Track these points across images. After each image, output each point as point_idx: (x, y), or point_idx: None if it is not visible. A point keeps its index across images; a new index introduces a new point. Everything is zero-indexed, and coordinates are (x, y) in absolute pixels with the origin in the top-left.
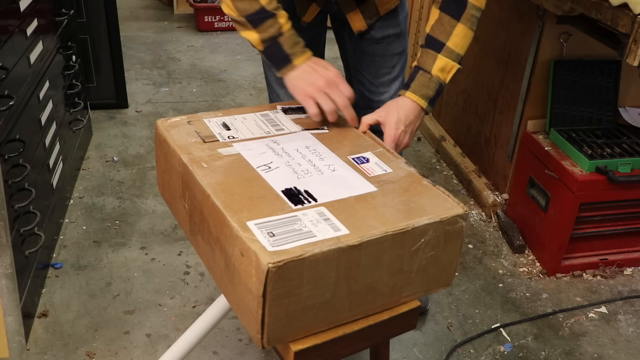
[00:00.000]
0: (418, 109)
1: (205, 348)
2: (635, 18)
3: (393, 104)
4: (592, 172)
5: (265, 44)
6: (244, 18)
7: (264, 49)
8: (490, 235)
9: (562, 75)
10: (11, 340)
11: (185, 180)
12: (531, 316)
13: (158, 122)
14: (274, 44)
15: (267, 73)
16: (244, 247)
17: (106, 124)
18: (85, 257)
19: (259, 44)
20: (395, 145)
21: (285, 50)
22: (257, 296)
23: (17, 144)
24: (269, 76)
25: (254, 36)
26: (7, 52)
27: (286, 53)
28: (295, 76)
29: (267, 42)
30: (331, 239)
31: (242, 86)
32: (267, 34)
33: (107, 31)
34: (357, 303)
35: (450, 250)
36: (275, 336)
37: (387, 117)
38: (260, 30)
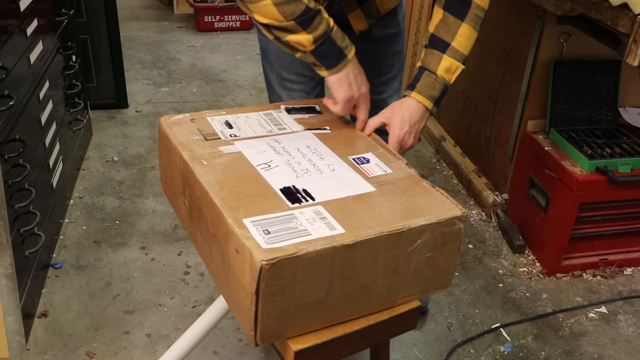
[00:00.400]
0: (423, 109)
1: (205, 348)
2: (635, 18)
3: (397, 105)
4: (592, 172)
5: (318, 42)
6: (293, 22)
7: (315, 47)
8: (490, 235)
9: (562, 75)
10: (11, 340)
11: (186, 177)
12: (531, 316)
13: (161, 119)
14: (327, 41)
15: (269, 74)
16: (239, 244)
17: (106, 124)
18: (85, 257)
19: (311, 44)
20: (399, 146)
21: (338, 44)
22: (250, 293)
23: (17, 144)
24: (271, 77)
25: (305, 37)
26: (7, 52)
27: (340, 47)
28: (345, 74)
29: (320, 39)
30: (326, 237)
31: (242, 86)
32: (319, 32)
33: (107, 31)
34: (352, 303)
35: (448, 252)
36: (268, 333)
37: (391, 118)
38: (311, 30)
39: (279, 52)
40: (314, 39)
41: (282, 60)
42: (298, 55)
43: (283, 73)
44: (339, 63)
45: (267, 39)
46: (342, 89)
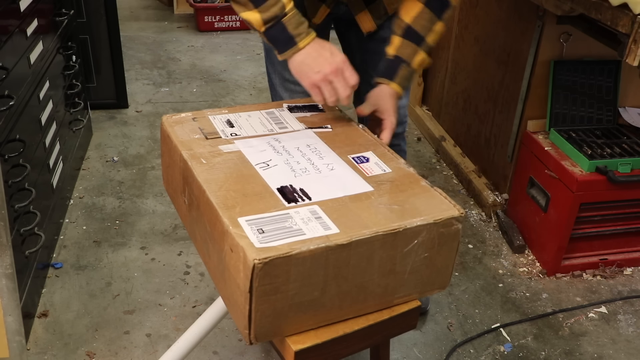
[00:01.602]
0: (398, 98)
1: (205, 348)
2: (635, 18)
3: (384, 93)
4: (592, 172)
5: (267, 24)
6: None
7: (265, 30)
8: (490, 235)
9: (562, 75)
10: (11, 340)
11: (185, 176)
12: (531, 316)
13: (163, 118)
14: (276, 25)
15: (272, 76)
16: (233, 243)
17: (106, 124)
18: (85, 257)
19: (261, 25)
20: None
21: (289, 31)
22: (244, 292)
23: (17, 144)
24: (273, 79)
25: (255, 16)
26: (7, 52)
27: (290, 34)
28: (301, 61)
29: (270, 22)
30: (320, 237)
31: (242, 86)
32: (269, 14)
33: (107, 31)
34: (348, 302)
35: (445, 252)
36: (262, 332)
37: (384, 106)
38: (262, 10)
39: None
40: (263, 20)
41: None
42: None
43: (286, 74)
44: (287, 48)
45: None
46: (303, 76)
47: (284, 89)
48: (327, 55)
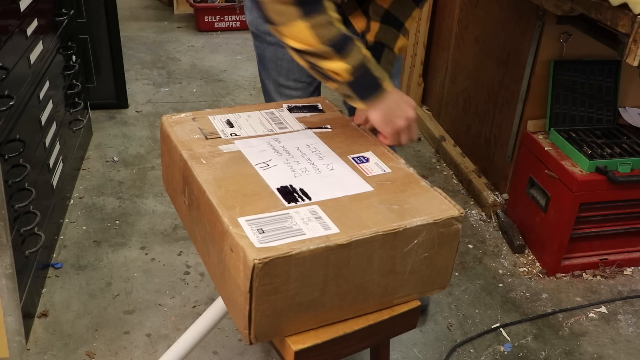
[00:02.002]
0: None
1: (205, 348)
2: (635, 18)
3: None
4: (592, 172)
5: (356, 72)
6: (329, 47)
7: (354, 78)
8: (490, 235)
9: (562, 75)
10: (11, 340)
11: (185, 176)
12: (531, 316)
13: (163, 118)
14: (363, 70)
15: (265, 81)
16: (233, 243)
17: (106, 124)
18: (85, 257)
19: (349, 74)
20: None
21: (374, 74)
22: (244, 292)
23: (17, 144)
24: (267, 84)
25: (342, 66)
26: (7, 52)
27: (375, 77)
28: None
29: (358, 69)
30: (320, 237)
31: (242, 86)
32: (355, 60)
33: (107, 31)
34: (348, 302)
35: (445, 252)
36: (262, 332)
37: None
38: (347, 56)
39: (276, 59)
40: (351, 68)
41: (280, 67)
42: (333, 86)
43: (280, 80)
44: (374, 94)
45: (264, 46)
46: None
47: (279, 94)
48: (406, 99)
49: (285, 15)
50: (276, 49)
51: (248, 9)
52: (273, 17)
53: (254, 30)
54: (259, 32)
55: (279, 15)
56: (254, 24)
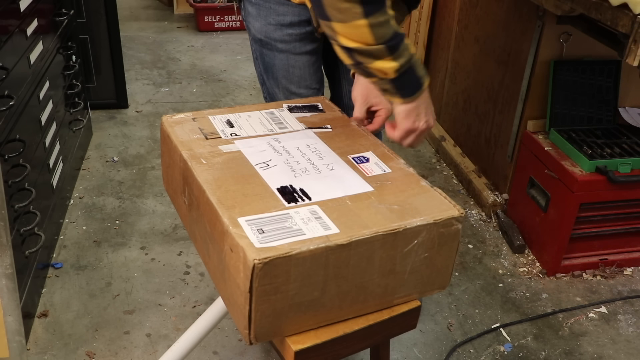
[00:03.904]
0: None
1: (205, 348)
2: (635, 18)
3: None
4: (592, 172)
5: (402, 69)
6: (383, 45)
7: (398, 75)
8: (490, 235)
9: (562, 75)
10: (11, 340)
11: (185, 176)
12: (531, 316)
13: (163, 118)
14: (408, 69)
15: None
16: (233, 243)
17: (106, 124)
18: (85, 257)
19: (394, 72)
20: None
21: (417, 72)
22: (244, 292)
23: (17, 144)
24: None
25: (391, 64)
26: (7, 52)
27: (418, 75)
28: (417, 105)
29: (404, 67)
30: (320, 237)
31: (242, 86)
32: (404, 59)
33: (107, 31)
34: (348, 302)
35: (445, 252)
36: (262, 332)
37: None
38: (397, 56)
39: (287, 67)
40: (399, 66)
41: (292, 75)
42: (372, 80)
43: (292, 88)
44: (415, 92)
45: (273, 54)
46: (409, 120)
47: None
48: (431, 105)
49: (347, 13)
50: (288, 57)
51: (253, 17)
52: (332, 13)
53: (263, 38)
54: (268, 39)
55: (340, 13)
56: (263, 31)
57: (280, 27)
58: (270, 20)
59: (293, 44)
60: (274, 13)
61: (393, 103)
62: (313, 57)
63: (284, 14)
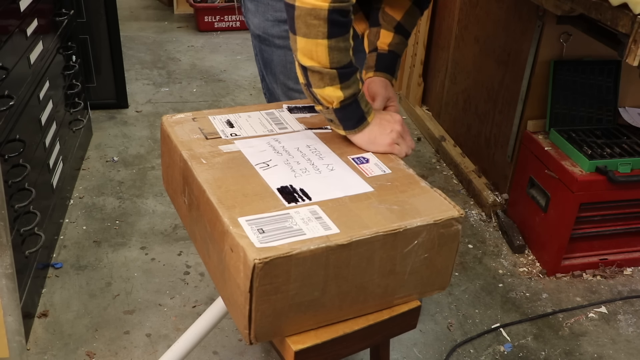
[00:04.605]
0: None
1: (205, 348)
2: (635, 18)
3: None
4: (592, 172)
5: (345, 102)
6: (335, 70)
7: (340, 106)
8: (490, 235)
9: (562, 75)
10: (11, 340)
11: (185, 176)
12: (531, 316)
13: (163, 118)
14: (352, 103)
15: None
16: (234, 243)
17: (106, 124)
18: (85, 257)
19: (338, 103)
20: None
21: (362, 108)
22: (244, 292)
23: (17, 144)
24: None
25: (337, 93)
26: (7, 52)
27: (362, 111)
28: (368, 132)
29: (348, 100)
30: (320, 237)
31: (242, 86)
32: (350, 91)
33: (107, 31)
34: (348, 302)
35: (445, 253)
36: (262, 332)
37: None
38: (345, 87)
39: (285, 62)
40: (343, 97)
41: (289, 71)
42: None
43: (290, 84)
44: (357, 126)
45: (271, 49)
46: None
47: (288, 98)
48: (388, 117)
49: (313, 29)
50: (285, 53)
51: (251, 13)
52: (300, 27)
53: (261, 34)
54: (267, 35)
55: (306, 27)
56: (261, 27)
57: (278, 23)
58: (268, 16)
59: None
60: (271, 9)
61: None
62: None
63: (281, 9)
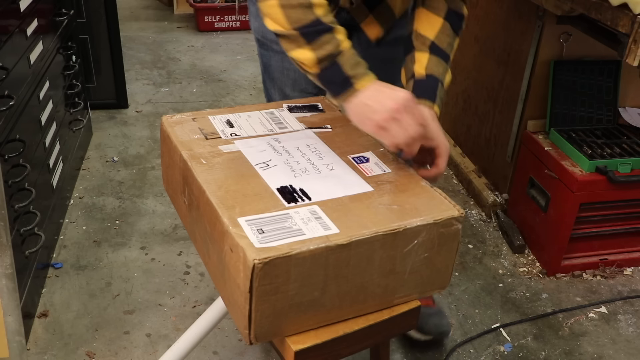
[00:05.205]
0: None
1: (205, 348)
2: (635, 18)
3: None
4: (592, 172)
5: (322, 64)
6: (296, 31)
7: (319, 70)
8: (490, 235)
9: (562, 75)
10: (11, 340)
11: (185, 176)
12: (531, 316)
13: (163, 118)
14: (331, 65)
15: (271, 91)
16: (233, 243)
17: (106, 124)
18: (85, 257)
19: (314, 65)
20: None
21: (345, 71)
22: (244, 292)
23: (17, 144)
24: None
25: (308, 55)
26: (7, 52)
27: (346, 75)
28: (358, 102)
29: (324, 61)
30: (320, 237)
31: (242, 86)
32: (323, 52)
33: (107, 31)
34: (348, 302)
35: (445, 252)
36: (262, 332)
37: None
38: (316, 47)
39: (282, 69)
40: (317, 59)
41: (286, 77)
42: (310, 77)
43: (287, 90)
44: (343, 92)
45: (269, 54)
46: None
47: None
48: (388, 92)
49: None
50: (283, 58)
51: (253, 15)
52: None
53: (260, 38)
54: (265, 39)
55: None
56: (260, 31)
57: None
58: None
59: None
60: None
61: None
62: None
63: None
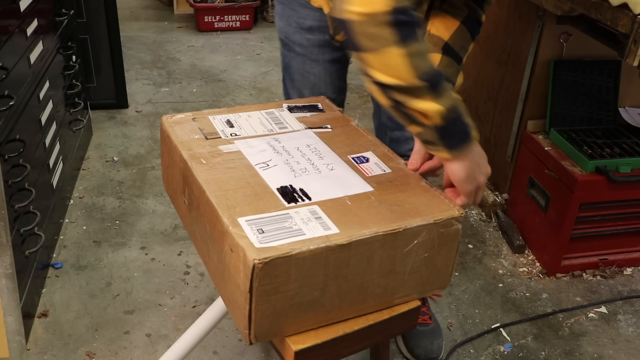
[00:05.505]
0: None
1: (205, 348)
2: (635, 18)
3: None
4: (592, 172)
5: (449, 115)
6: (424, 82)
7: (444, 122)
8: (490, 235)
9: (562, 75)
10: (11, 340)
11: (185, 176)
12: (531, 316)
13: (163, 118)
14: (455, 114)
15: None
16: (233, 243)
17: (106, 124)
18: (85, 257)
19: (439, 117)
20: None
21: (465, 120)
22: (244, 292)
23: (17, 144)
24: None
25: (433, 107)
26: (7, 52)
27: (466, 124)
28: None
29: (450, 112)
30: (320, 237)
31: (242, 86)
32: (448, 101)
33: (107, 31)
34: (348, 302)
35: (445, 252)
36: (262, 332)
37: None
38: (440, 96)
39: (303, 71)
40: (445, 111)
41: (306, 80)
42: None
43: (305, 93)
44: (462, 144)
45: (292, 55)
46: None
47: None
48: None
49: (378, 40)
50: (304, 61)
51: (278, 15)
52: (363, 42)
53: (283, 38)
54: (288, 40)
55: (370, 40)
56: (284, 31)
57: (300, 31)
58: (292, 21)
59: (311, 50)
60: (295, 15)
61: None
62: (333, 66)
63: (304, 17)
